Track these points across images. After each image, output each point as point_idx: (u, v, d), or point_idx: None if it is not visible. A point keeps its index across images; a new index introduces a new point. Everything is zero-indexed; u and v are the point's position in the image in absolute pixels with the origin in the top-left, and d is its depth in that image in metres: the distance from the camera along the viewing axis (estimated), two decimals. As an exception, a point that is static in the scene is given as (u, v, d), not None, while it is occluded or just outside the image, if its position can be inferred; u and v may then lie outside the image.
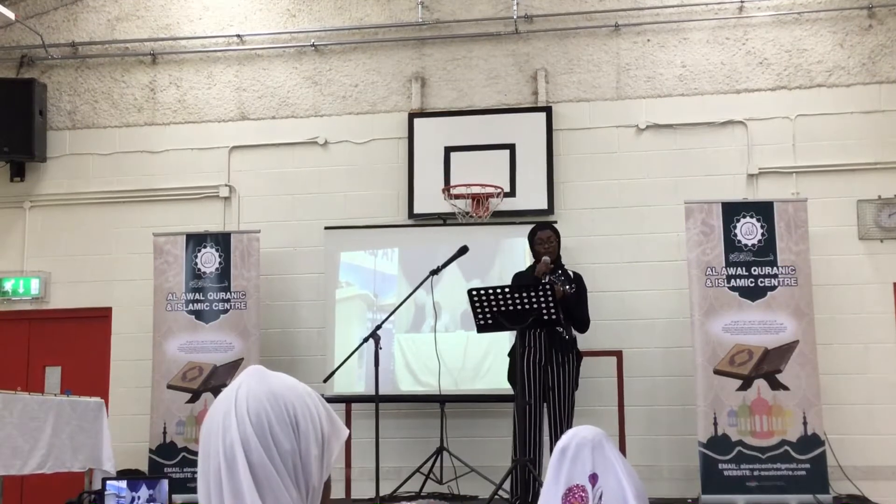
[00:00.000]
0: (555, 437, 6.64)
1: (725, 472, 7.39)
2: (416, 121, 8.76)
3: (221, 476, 1.45)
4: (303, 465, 1.49)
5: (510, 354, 7.12)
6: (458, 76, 8.88)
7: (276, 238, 8.72)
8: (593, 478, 2.62)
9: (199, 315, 8.33)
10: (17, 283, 9.15)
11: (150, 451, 8.16)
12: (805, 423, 7.39)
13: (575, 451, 2.67)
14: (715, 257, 7.67)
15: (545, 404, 6.97)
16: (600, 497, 2.62)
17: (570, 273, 7.22)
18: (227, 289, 8.34)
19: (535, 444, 6.93)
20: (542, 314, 6.41)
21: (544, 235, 7.14)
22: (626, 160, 8.53)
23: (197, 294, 8.36)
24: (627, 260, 8.38)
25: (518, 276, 7.21)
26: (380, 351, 6.68)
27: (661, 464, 8.10)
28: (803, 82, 8.42)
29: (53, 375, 9.01)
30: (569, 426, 6.27)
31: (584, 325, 7.17)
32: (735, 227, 7.71)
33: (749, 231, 7.71)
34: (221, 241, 8.44)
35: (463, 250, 7.00)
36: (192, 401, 8.17)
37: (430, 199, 8.49)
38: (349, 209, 8.76)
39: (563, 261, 7.35)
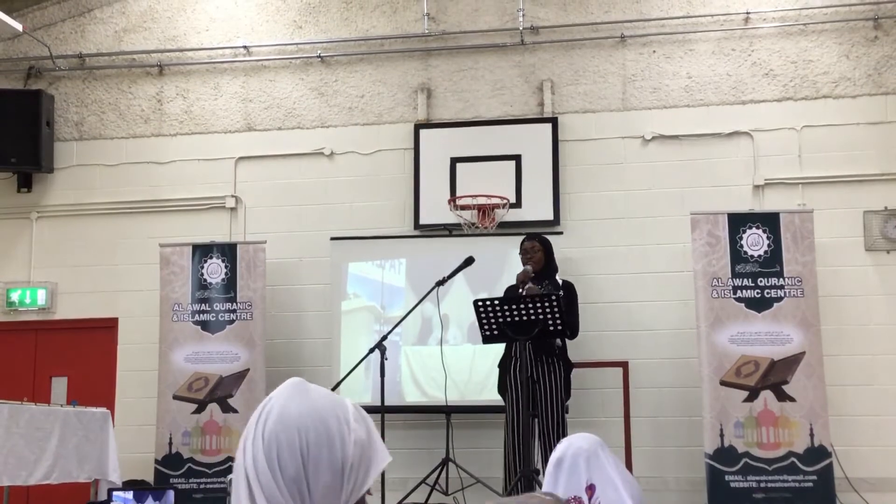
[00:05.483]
0: (544, 449, 6.57)
1: (732, 484, 7.36)
2: (422, 132, 8.78)
3: (240, 487, 1.47)
4: (310, 493, 1.47)
5: (500, 365, 7.05)
6: (463, 87, 8.90)
7: (282, 248, 8.73)
8: (590, 489, 2.61)
9: (205, 325, 8.34)
10: (23, 294, 9.17)
11: (156, 461, 8.16)
12: (812, 435, 7.37)
13: (571, 463, 2.65)
14: (721, 268, 7.66)
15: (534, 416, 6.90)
16: (598, 507, 2.60)
17: (559, 281, 7.08)
18: (233, 299, 8.35)
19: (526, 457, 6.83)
20: (549, 325, 6.39)
21: (527, 246, 7.05)
22: (632, 171, 8.53)
23: (203, 304, 8.37)
24: (633, 271, 8.37)
25: (509, 290, 7.09)
26: (385, 361, 6.67)
27: (668, 475, 8.08)
28: (809, 93, 8.42)
29: (59, 386, 9.02)
30: (558, 437, 6.15)
31: (571, 330, 6.94)
32: (741, 238, 7.70)
33: (755, 242, 7.70)
34: (227, 252, 8.45)
35: (469, 261, 6.97)
36: (197, 411, 8.17)
37: (436, 210, 8.50)
38: (355, 220, 8.77)
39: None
